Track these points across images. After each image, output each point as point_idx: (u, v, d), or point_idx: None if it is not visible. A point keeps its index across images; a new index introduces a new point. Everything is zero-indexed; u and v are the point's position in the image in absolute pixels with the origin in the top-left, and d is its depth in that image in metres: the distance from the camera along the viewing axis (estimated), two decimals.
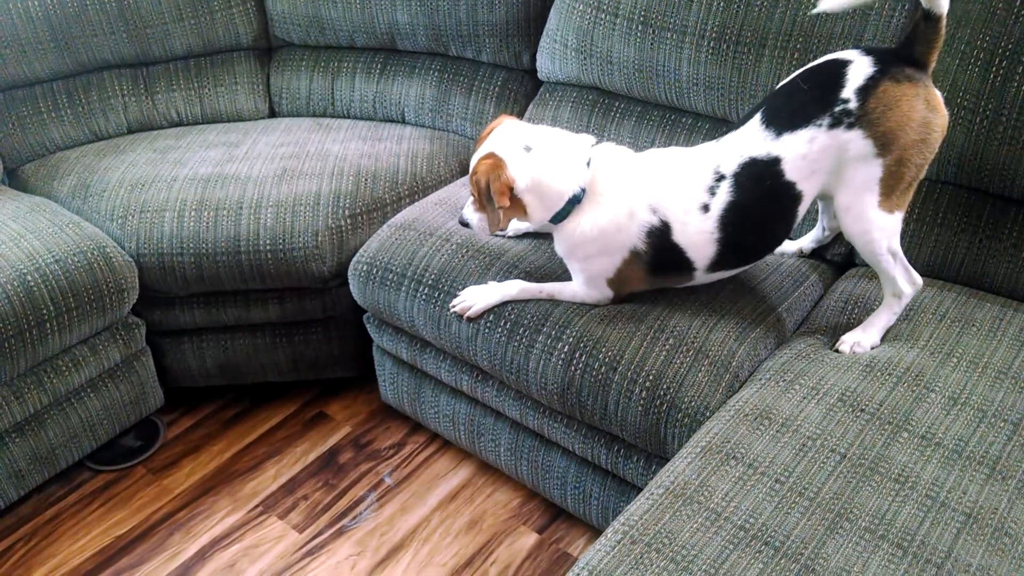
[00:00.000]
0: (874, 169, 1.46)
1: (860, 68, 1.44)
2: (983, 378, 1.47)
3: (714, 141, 1.59)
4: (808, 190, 1.52)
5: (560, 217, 1.62)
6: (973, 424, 1.38)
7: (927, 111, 1.44)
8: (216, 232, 2.05)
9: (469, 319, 1.76)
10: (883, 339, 1.59)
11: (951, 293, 1.69)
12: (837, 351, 1.58)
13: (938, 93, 1.47)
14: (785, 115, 1.50)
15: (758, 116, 1.53)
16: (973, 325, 1.59)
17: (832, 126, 1.45)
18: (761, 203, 1.54)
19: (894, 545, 1.20)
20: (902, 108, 1.42)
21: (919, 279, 1.57)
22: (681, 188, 1.57)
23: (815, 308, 1.76)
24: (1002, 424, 1.38)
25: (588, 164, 1.61)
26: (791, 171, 1.50)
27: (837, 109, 1.45)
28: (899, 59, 1.44)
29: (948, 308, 1.64)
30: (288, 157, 2.26)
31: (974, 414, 1.40)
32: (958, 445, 1.34)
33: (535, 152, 1.59)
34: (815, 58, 1.57)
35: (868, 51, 1.47)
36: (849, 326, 1.63)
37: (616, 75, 2.07)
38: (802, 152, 1.48)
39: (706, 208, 1.55)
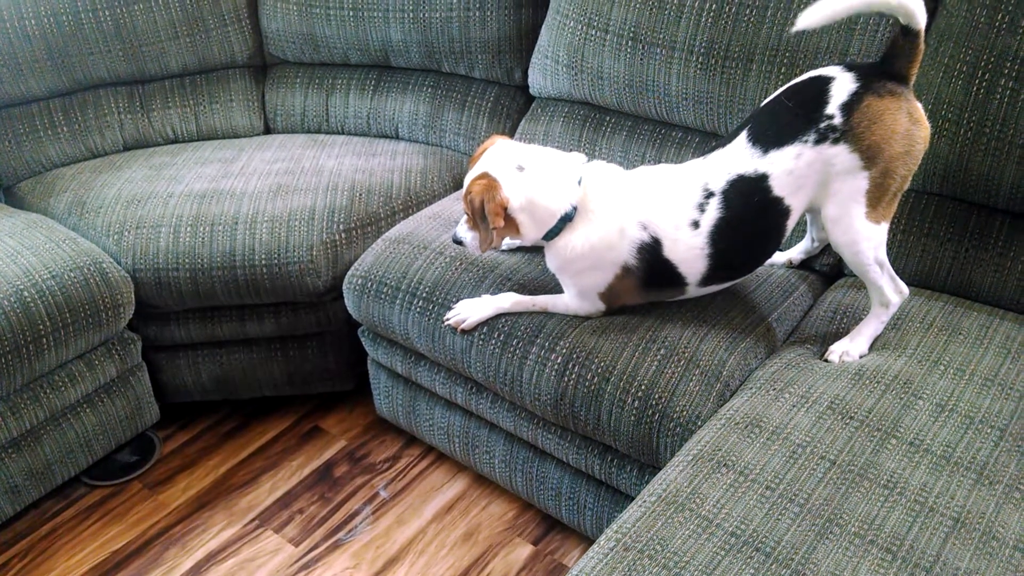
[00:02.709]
0: (860, 182, 1.49)
1: (843, 84, 1.47)
2: (970, 385, 1.49)
3: (701, 158, 1.62)
4: (796, 205, 1.55)
5: (552, 234, 1.65)
6: (961, 430, 1.40)
7: (910, 124, 1.47)
8: (212, 247, 2.06)
9: (463, 332, 1.78)
10: (871, 348, 1.61)
11: (938, 302, 1.71)
12: (826, 360, 1.60)
13: (920, 106, 1.49)
14: (771, 132, 1.53)
15: (744, 133, 1.56)
16: (960, 333, 1.61)
17: (818, 142, 1.48)
18: (750, 219, 1.56)
19: (883, 550, 1.21)
20: (886, 122, 1.45)
21: (905, 288, 1.60)
22: (671, 205, 1.59)
23: (804, 318, 1.78)
24: (989, 430, 1.40)
25: (579, 182, 1.63)
26: (778, 187, 1.52)
27: (822, 125, 1.47)
28: (881, 74, 1.47)
29: (935, 317, 1.66)
30: (283, 173, 2.28)
31: (961, 421, 1.42)
32: (946, 451, 1.36)
33: (528, 172, 1.61)
34: (802, 72, 1.60)
35: (850, 67, 1.49)
36: (838, 336, 1.65)
37: (607, 90, 2.10)
38: (789, 168, 1.50)
39: (696, 225, 1.58)
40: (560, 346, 1.68)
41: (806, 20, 1.45)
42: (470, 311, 1.77)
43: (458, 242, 1.74)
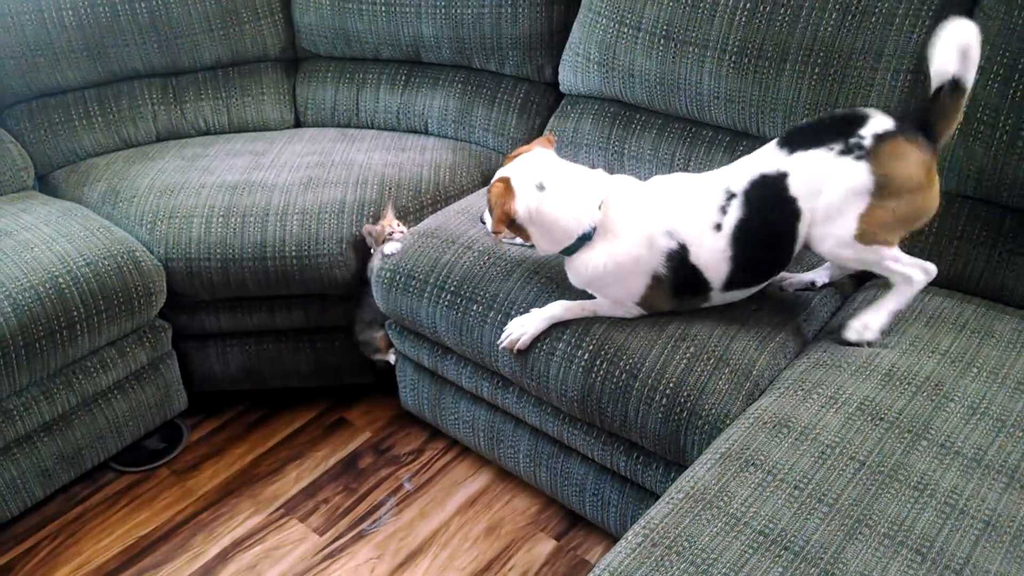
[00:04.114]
0: (860, 203, 1.51)
1: (880, 122, 1.51)
2: (1003, 389, 1.48)
3: (728, 167, 1.65)
4: (806, 211, 1.55)
5: (571, 251, 1.67)
6: (992, 434, 1.39)
7: (924, 178, 1.51)
8: (243, 238, 2.08)
9: (520, 351, 1.75)
10: (904, 348, 1.59)
11: (970, 304, 1.70)
12: (845, 339, 1.60)
13: (936, 173, 1.52)
14: (802, 138, 1.56)
15: (775, 141, 1.59)
16: (993, 336, 1.60)
17: (843, 153, 1.50)
18: (766, 216, 1.58)
19: (913, 551, 1.21)
20: (906, 164, 1.49)
21: (931, 267, 1.58)
22: (694, 210, 1.61)
23: (833, 318, 1.78)
24: (1021, 434, 1.38)
25: (600, 203, 1.64)
26: (795, 186, 1.54)
27: (852, 140, 1.50)
28: (915, 126, 1.51)
29: (968, 319, 1.65)
30: (314, 166, 2.29)
31: (993, 424, 1.41)
32: (977, 454, 1.35)
33: (548, 191, 1.64)
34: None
35: (888, 115, 1.53)
36: None
37: (638, 88, 2.10)
38: (808, 169, 1.53)
39: (719, 227, 1.59)
40: (588, 342, 1.68)
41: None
42: (523, 328, 1.74)
43: (485, 222, 1.78)
